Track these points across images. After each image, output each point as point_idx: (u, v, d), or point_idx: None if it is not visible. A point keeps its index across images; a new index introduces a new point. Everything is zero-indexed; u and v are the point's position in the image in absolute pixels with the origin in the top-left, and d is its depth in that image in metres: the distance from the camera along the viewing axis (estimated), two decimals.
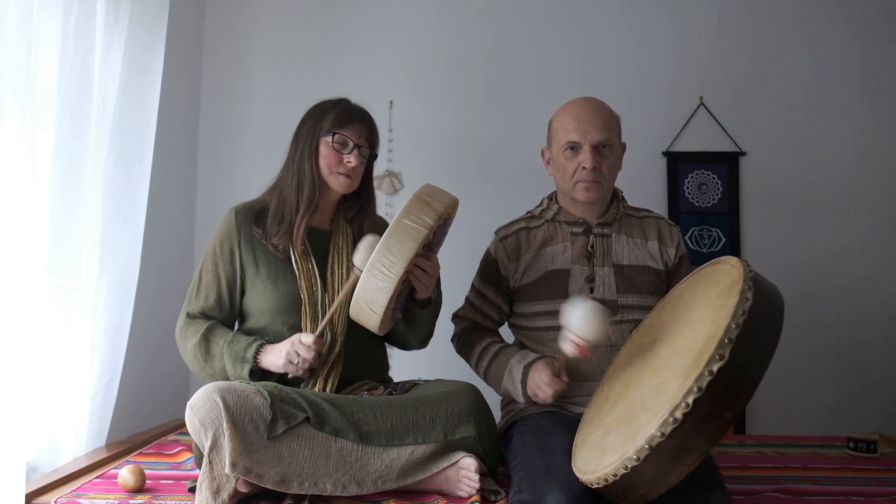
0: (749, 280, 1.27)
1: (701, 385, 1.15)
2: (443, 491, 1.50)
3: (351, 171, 1.70)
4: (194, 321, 1.68)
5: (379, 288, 1.48)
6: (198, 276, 1.72)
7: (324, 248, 1.74)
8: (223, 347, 1.62)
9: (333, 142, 1.68)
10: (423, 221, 1.49)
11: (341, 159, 1.69)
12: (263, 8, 2.75)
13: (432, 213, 1.50)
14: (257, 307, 1.70)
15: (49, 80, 1.66)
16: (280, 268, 1.69)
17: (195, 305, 1.70)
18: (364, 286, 1.50)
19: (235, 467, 1.35)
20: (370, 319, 1.55)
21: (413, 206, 1.51)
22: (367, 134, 1.72)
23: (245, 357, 1.59)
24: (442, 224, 1.59)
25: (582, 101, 1.79)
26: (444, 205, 1.53)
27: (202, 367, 1.66)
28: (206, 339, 1.64)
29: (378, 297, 1.49)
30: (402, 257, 1.47)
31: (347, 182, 1.71)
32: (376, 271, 1.48)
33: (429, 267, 1.60)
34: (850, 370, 2.61)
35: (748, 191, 2.67)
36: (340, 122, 1.69)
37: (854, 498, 1.55)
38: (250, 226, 1.71)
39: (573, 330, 1.47)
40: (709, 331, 1.25)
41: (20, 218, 1.50)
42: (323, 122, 1.70)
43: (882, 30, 2.66)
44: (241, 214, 1.73)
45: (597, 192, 1.75)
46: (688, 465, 1.18)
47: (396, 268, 1.47)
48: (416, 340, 1.79)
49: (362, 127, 1.71)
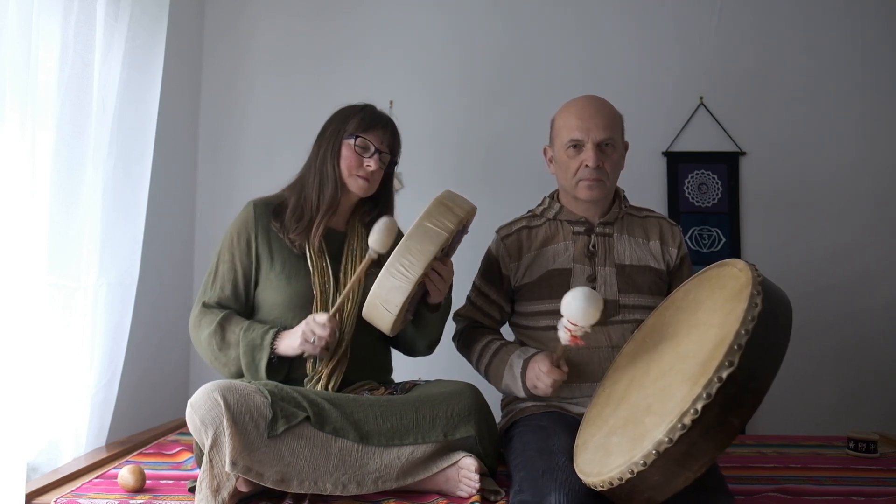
0: (758, 285, 1.26)
1: (710, 391, 1.14)
2: (443, 491, 1.50)
3: (370, 175, 1.71)
4: (210, 311, 1.68)
5: (396, 287, 1.50)
6: (214, 267, 1.73)
7: (338, 249, 1.75)
8: (239, 335, 1.62)
9: (355, 145, 1.70)
10: (443, 225, 1.51)
11: (361, 162, 1.70)
12: (263, 8, 2.75)
13: (453, 217, 1.52)
14: (269, 300, 1.70)
15: (49, 80, 1.66)
16: (294, 263, 1.70)
17: (211, 295, 1.70)
18: (381, 284, 1.51)
19: (236, 466, 1.35)
20: (383, 319, 1.55)
21: (435, 209, 1.53)
22: (389, 140, 1.74)
23: (262, 344, 1.60)
24: (460, 230, 1.60)
25: (585, 99, 1.79)
26: (465, 211, 1.56)
27: (216, 357, 1.66)
28: (222, 327, 1.64)
29: (394, 297, 1.50)
30: (421, 259, 1.48)
31: (365, 185, 1.72)
32: (395, 270, 1.49)
33: (444, 271, 1.62)
34: (851, 370, 2.61)
35: (748, 191, 2.67)
36: (364, 127, 1.71)
37: (854, 498, 1.55)
38: (268, 219, 1.72)
39: (564, 314, 1.46)
40: (717, 336, 1.24)
41: (20, 218, 1.50)
42: (347, 125, 1.72)
43: (882, 30, 2.66)
44: (259, 207, 1.74)
45: (599, 190, 1.75)
46: (694, 471, 1.18)
47: (415, 269, 1.48)
48: (424, 345, 1.80)
49: (385, 133, 1.73)
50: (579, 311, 1.43)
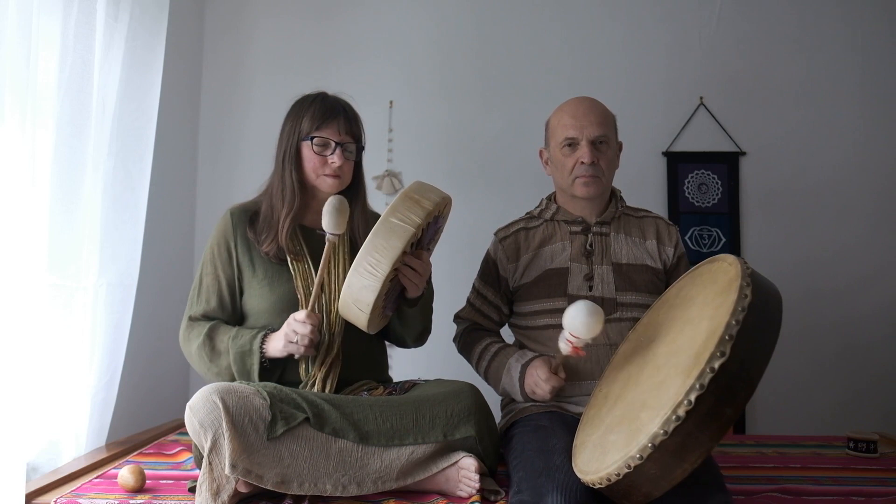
0: (747, 277, 1.27)
1: (703, 382, 1.16)
2: (443, 491, 1.50)
3: (338, 171, 1.67)
4: (197, 323, 1.68)
5: (365, 287, 1.46)
6: (198, 280, 1.72)
7: (319, 248, 1.71)
8: (228, 343, 1.61)
9: (314, 145, 1.66)
10: (409, 220, 1.45)
11: (325, 161, 1.66)
12: (263, 8, 2.75)
13: (420, 210, 1.46)
14: (255, 308, 1.69)
15: (49, 80, 1.66)
16: (276, 269, 1.68)
17: (197, 309, 1.70)
18: (350, 284, 1.48)
19: (235, 468, 1.34)
20: (358, 318, 1.53)
21: (401, 203, 1.47)
22: (347, 128, 1.68)
23: (251, 349, 1.59)
24: (432, 222, 1.55)
25: (578, 99, 1.81)
26: (433, 203, 1.48)
27: (208, 367, 1.65)
28: (210, 337, 1.64)
29: (364, 296, 1.47)
30: (388, 256, 1.44)
31: (336, 182, 1.68)
32: (362, 269, 1.45)
33: (419, 266, 1.56)
34: (850, 370, 2.61)
35: (748, 191, 2.67)
36: (318, 124, 1.66)
37: (854, 498, 1.55)
38: (245, 227, 1.70)
39: (567, 328, 1.48)
40: (709, 328, 1.25)
41: (20, 218, 1.50)
42: (301, 124, 1.67)
43: (882, 30, 2.66)
44: (236, 215, 1.72)
45: (595, 187, 1.76)
46: (690, 463, 1.19)
47: (382, 267, 1.44)
48: (411, 339, 1.78)
49: (341, 123, 1.67)
50: (582, 326, 1.44)
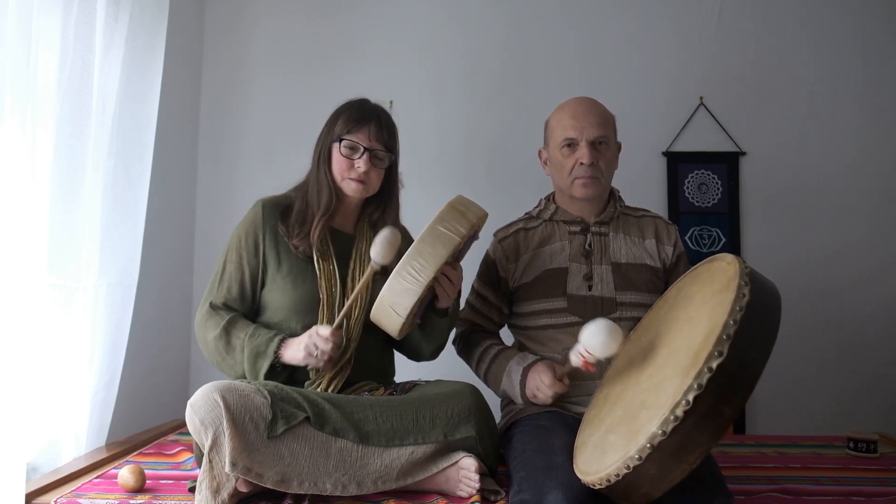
0: (745, 276, 1.27)
1: (701, 382, 1.15)
2: (443, 491, 1.50)
3: (363, 177, 1.67)
4: (216, 313, 1.67)
5: (406, 290, 1.49)
6: (221, 266, 1.71)
7: (346, 251, 1.73)
8: (244, 340, 1.61)
9: (342, 147, 1.67)
10: (456, 230, 1.50)
11: (352, 165, 1.67)
12: (263, 8, 2.75)
13: (466, 222, 1.52)
14: (274, 303, 1.69)
15: (49, 80, 1.66)
16: (301, 266, 1.68)
17: (218, 296, 1.69)
18: (391, 287, 1.50)
19: (235, 466, 1.35)
20: (392, 322, 1.55)
21: (448, 214, 1.52)
22: (378, 135, 1.68)
23: (266, 352, 1.59)
24: (471, 236, 1.59)
25: (577, 99, 1.81)
26: (477, 216, 1.55)
27: (223, 359, 1.65)
28: (227, 331, 1.63)
29: (404, 300, 1.50)
30: (432, 262, 1.48)
31: (360, 187, 1.69)
32: (406, 274, 1.48)
33: (454, 276, 1.61)
34: (850, 370, 2.61)
35: (748, 191, 2.67)
36: (349, 127, 1.67)
37: (854, 498, 1.55)
38: (275, 220, 1.70)
39: (583, 343, 1.47)
40: (707, 328, 1.25)
41: (20, 218, 1.50)
42: (335, 126, 1.69)
43: (882, 30, 2.66)
44: (267, 207, 1.72)
45: (594, 187, 1.76)
46: (689, 463, 1.18)
47: (426, 272, 1.48)
48: (430, 350, 1.78)
49: (374, 129, 1.68)
50: (599, 346, 1.44)
